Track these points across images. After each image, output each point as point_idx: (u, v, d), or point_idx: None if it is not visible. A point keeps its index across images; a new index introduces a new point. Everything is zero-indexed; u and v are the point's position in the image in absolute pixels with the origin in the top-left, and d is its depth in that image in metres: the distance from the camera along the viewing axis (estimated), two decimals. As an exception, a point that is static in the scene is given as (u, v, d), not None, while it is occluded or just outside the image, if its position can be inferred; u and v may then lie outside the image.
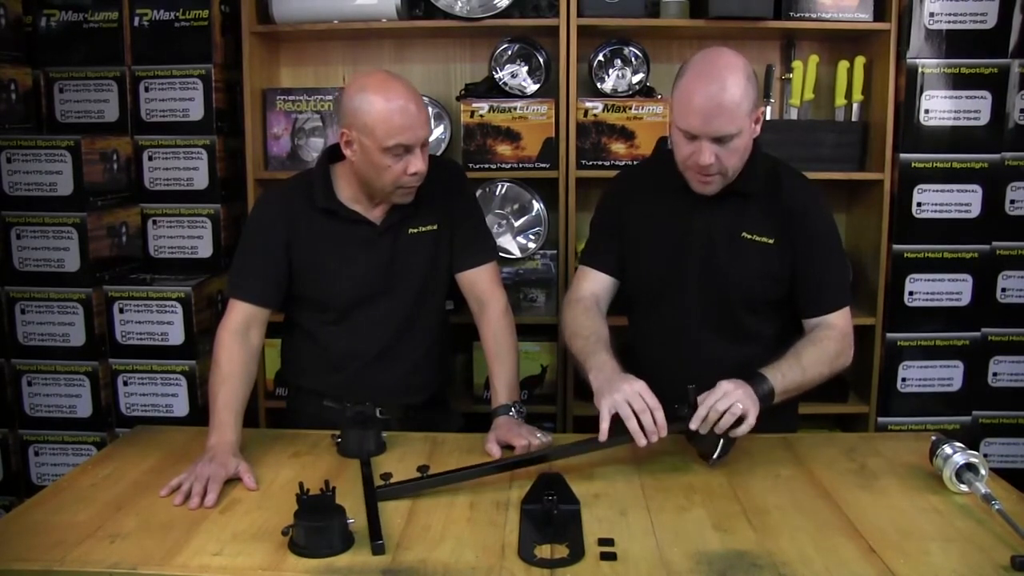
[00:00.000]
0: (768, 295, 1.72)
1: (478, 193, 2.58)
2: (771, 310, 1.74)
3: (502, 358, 1.82)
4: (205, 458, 1.53)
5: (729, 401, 1.49)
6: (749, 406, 1.50)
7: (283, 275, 1.78)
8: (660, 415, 1.49)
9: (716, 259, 1.70)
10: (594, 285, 1.82)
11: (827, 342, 1.66)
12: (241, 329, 1.72)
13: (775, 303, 1.73)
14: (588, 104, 2.52)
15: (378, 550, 1.27)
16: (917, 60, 2.46)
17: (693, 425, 1.51)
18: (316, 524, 1.27)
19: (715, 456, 1.54)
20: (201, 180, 2.62)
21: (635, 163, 2.42)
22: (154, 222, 2.65)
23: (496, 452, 1.64)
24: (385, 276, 1.80)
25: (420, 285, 1.83)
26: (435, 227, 1.83)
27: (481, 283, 1.86)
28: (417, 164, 1.67)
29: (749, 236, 1.69)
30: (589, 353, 1.66)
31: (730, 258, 1.69)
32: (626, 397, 1.50)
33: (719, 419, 1.49)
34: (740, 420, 1.49)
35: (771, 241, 1.68)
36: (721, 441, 1.53)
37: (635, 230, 1.78)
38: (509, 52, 2.58)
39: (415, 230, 1.81)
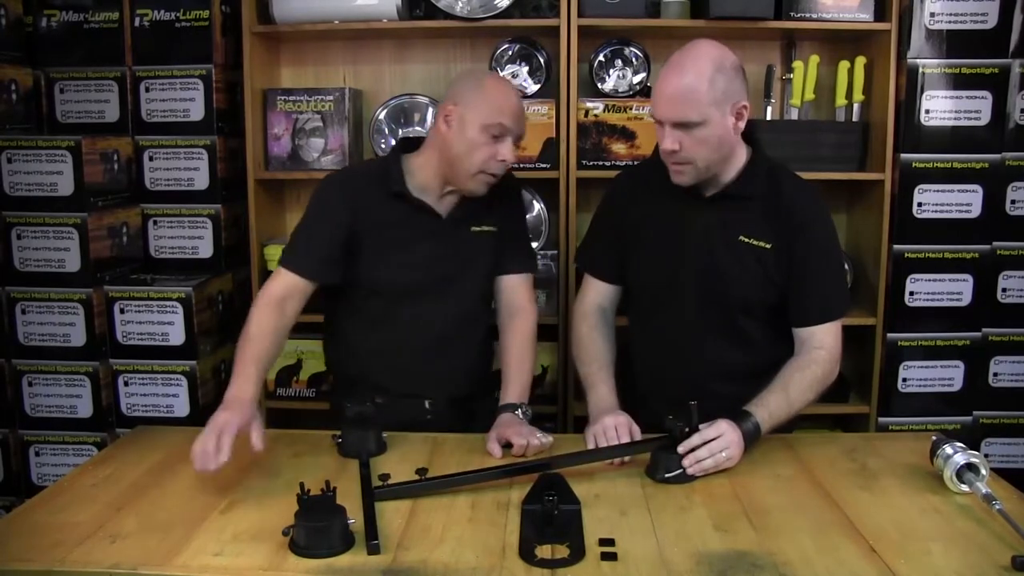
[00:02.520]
0: (766, 300, 1.72)
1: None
2: (769, 314, 1.74)
3: (523, 363, 1.85)
4: (220, 408, 1.52)
5: (722, 445, 1.52)
6: (735, 455, 1.54)
7: (337, 256, 1.78)
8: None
9: (714, 262, 1.70)
10: (598, 296, 1.85)
11: (814, 367, 1.66)
12: (277, 299, 1.72)
13: (773, 307, 1.73)
14: (589, 104, 2.52)
15: (373, 550, 1.27)
16: (918, 60, 2.46)
17: (682, 450, 1.52)
18: (317, 524, 1.27)
19: (669, 475, 1.52)
20: (202, 180, 2.62)
21: (635, 163, 2.42)
22: (155, 222, 2.65)
23: (497, 451, 1.64)
24: (447, 268, 1.83)
25: (480, 283, 1.88)
26: (494, 229, 1.88)
27: (520, 292, 1.91)
28: (507, 152, 1.74)
29: (747, 240, 1.69)
30: (591, 385, 1.75)
31: (727, 261, 1.69)
32: (604, 428, 1.62)
33: (704, 459, 1.52)
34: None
35: (768, 246, 1.68)
36: (682, 466, 1.52)
37: (635, 231, 1.79)
38: (510, 52, 2.58)
39: (478, 228, 1.86)
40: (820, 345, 1.68)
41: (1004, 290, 2.59)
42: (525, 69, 2.59)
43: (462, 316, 1.87)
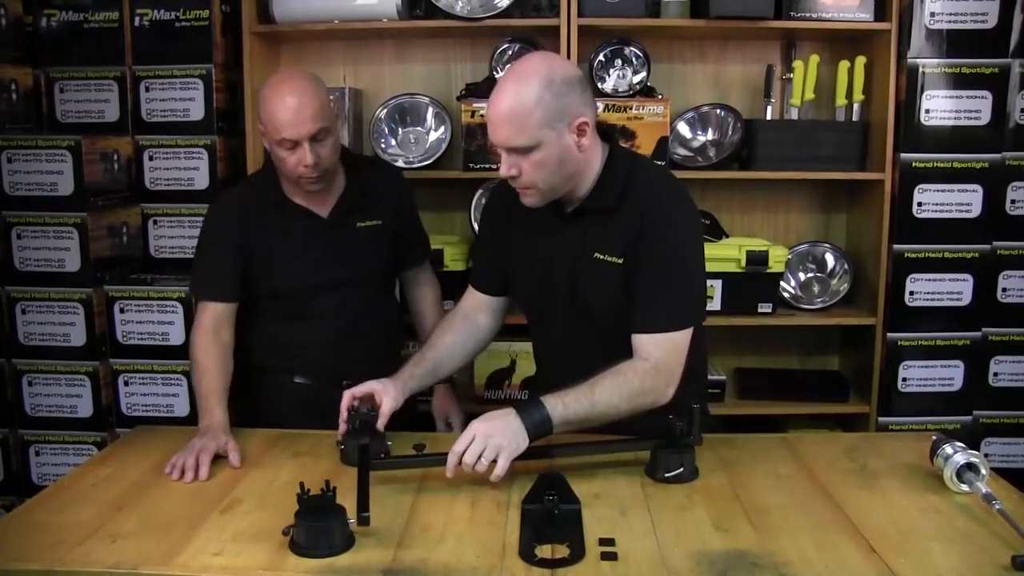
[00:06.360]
0: (627, 316, 1.61)
1: (478, 193, 2.60)
2: None
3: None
4: (197, 436, 1.66)
5: (479, 448, 1.44)
6: (503, 447, 1.44)
7: (240, 271, 1.90)
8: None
9: (575, 280, 1.64)
10: (469, 303, 1.84)
11: (630, 375, 1.53)
12: (212, 329, 1.86)
13: None
14: (589, 104, 2.51)
15: (363, 522, 1.28)
16: (918, 60, 2.46)
17: (449, 474, 1.46)
18: (317, 524, 1.28)
19: (669, 474, 1.52)
20: (202, 180, 2.61)
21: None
22: (155, 222, 2.65)
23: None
24: (341, 264, 1.92)
25: (374, 274, 1.98)
26: (379, 223, 1.96)
27: (421, 276, 2.13)
28: (305, 158, 1.76)
29: (601, 256, 1.60)
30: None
31: (586, 279, 1.62)
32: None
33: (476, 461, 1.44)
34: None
35: (620, 261, 1.59)
36: (682, 465, 1.51)
37: (511, 247, 1.75)
38: (510, 52, 2.58)
39: (363, 224, 1.94)
40: (645, 357, 1.55)
41: (1004, 290, 2.59)
42: (525, 69, 2.58)
43: (368, 302, 1.97)
